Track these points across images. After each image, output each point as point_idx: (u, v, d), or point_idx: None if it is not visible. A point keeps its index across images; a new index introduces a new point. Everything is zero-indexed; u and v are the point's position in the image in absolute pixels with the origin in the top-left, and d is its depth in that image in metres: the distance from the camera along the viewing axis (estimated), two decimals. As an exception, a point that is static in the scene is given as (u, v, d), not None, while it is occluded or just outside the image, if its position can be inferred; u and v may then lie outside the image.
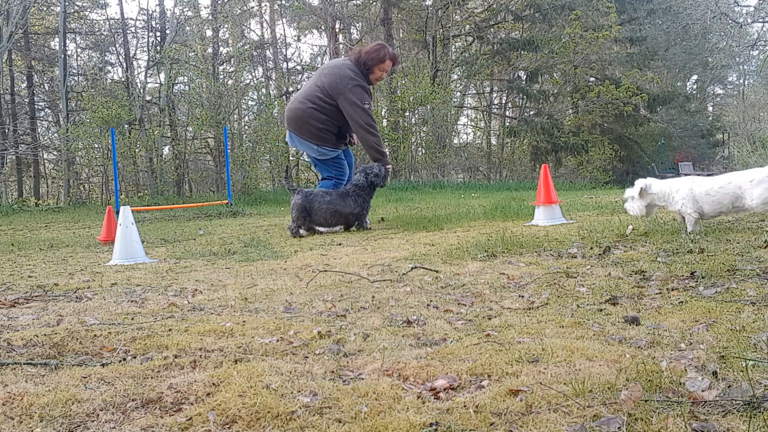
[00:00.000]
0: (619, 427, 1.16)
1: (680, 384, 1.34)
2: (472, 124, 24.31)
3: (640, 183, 3.57)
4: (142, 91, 15.71)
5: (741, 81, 30.98)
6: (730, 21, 21.13)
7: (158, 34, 17.67)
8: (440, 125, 15.64)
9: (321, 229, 5.20)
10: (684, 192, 3.46)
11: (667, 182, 3.56)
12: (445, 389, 1.42)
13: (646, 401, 1.25)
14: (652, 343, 1.66)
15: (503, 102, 22.45)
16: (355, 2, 19.31)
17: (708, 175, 3.21)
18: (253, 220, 7.71)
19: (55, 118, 19.04)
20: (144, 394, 1.44)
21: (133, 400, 1.41)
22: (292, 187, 5.28)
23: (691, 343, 1.63)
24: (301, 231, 5.07)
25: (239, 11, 20.05)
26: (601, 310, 2.06)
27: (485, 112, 22.79)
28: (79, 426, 1.30)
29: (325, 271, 3.16)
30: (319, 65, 19.61)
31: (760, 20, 21.49)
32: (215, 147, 15.33)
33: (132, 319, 2.23)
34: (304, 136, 5.37)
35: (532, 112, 19.73)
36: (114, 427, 1.29)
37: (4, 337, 1.96)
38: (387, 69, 5.44)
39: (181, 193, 14.72)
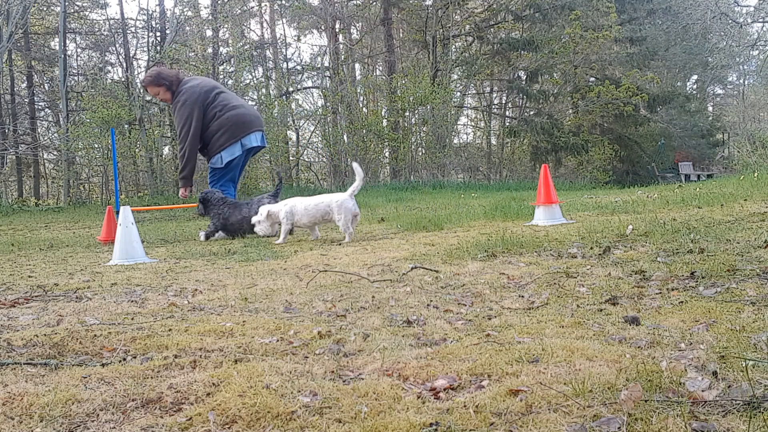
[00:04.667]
0: (619, 427, 1.16)
1: (680, 384, 1.34)
2: (472, 124, 24.31)
3: (265, 209, 4.73)
4: (142, 91, 15.69)
5: (741, 81, 31.00)
6: (730, 21, 21.13)
7: (158, 34, 17.65)
8: (440, 125, 15.64)
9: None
10: (287, 209, 4.66)
11: (279, 204, 4.76)
12: (445, 389, 1.41)
13: (646, 401, 1.25)
14: (652, 343, 1.66)
15: (503, 102, 22.44)
16: (355, 2, 19.31)
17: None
18: (253, 220, 7.70)
19: (55, 118, 19.03)
20: (144, 394, 1.44)
21: (133, 400, 1.41)
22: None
23: (691, 343, 1.63)
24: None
25: (239, 11, 20.04)
26: (601, 310, 2.06)
27: (485, 112, 22.79)
28: (79, 426, 1.30)
29: (325, 271, 3.16)
30: (319, 65, 19.62)
31: (760, 20, 21.49)
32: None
33: (132, 319, 2.23)
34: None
35: (532, 112, 19.73)
36: (114, 427, 1.29)
37: (4, 337, 1.96)
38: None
39: (182, 194, 14.69)
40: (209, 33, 17.73)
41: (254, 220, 4.85)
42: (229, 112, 5.46)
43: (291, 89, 19.16)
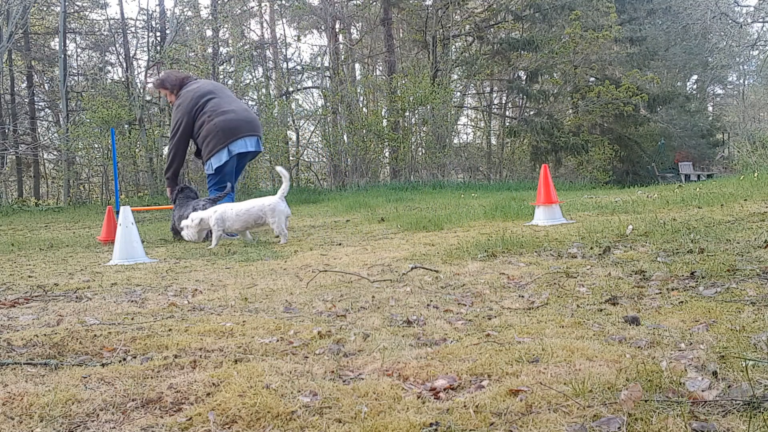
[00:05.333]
0: (619, 427, 1.16)
1: (680, 384, 1.34)
2: (472, 124, 24.30)
3: (198, 215, 4.78)
4: (142, 91, 15.69)
5: (741, 81, 30.99)
6: (730, 21, 21.13)
7: (158, 34, 17.65)
8: (440, 125, 15.63)
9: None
10: (216, 215, 4.69)
11: (208, 210, 4.79)
12: (445, 389, 1.41)
13: (646, 401, 1.25)
14: (652, 343, 1.66)
15: (503, 102, 22.43)
16: (355, 2, 19.30)
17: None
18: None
19: (55, 118, 19.02)
20: (144, 394, 1.44)
21: (133, 400, 1.41)
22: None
23: (691, 343, 1.63)
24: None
25: (239, 11, 20.03)
26: (601, 310, 2.06)
27: (485, 112, 22.78)
28: (79, 426, 1.30)
29: (325, 271, 3.16)
30: (319, 65, 19.61)
31: (760, 20, 21.49)
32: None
33: (132, 319, 2.23)
34: (260, 140, 5.76)
35: (532, 112, 19.72)
36: (114, 427, 1.29)
37: (4, 337, 1.96)
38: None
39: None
40: (209, 33, 17.72)
41: (183, 224, 4.89)
42: (218, 118, 5.46)
43: (291, 89, 19.16)
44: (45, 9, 19.23)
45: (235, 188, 5.87)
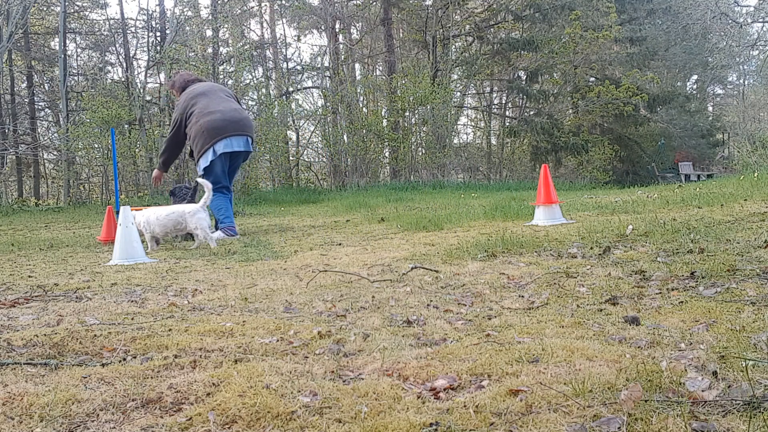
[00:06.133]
0: (619, 427, 1.16)
1: (680, 384, 1.34)
2: (472, 124, 24.30)
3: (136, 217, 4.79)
4: (142, 91, 15.69)
5: (741, 81, 31.00)
6: (730, 21, 21.13)
7: (158, 34, 17.65)
8: (440, 125, 15.63)
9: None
10: (143, 219, 4.76)
11: (139, 215, 4.80)
12: (445, 389, 1.41)
13: (646, 401, 1.25)
14: (652, 343, 1.66)
15: (503, 102, 22.43)
16: (355, 2, 19.29)
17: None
18: (253, 220, 7.71)
19: (55, 118, 19.02)
20: (144, 394, 1.44)
21: (133, 400, 1.41)
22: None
23: (691, 343, 1.63)
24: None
25: (239, 11, 20.04)
26: (601, 310, 2.06)
27: (485, 112, 22.78)
28: (79, 426, 1.30)
29: (325, 271, 3.16)
30: (319, 65, 19.61)
31: (760, 20, 21.48)
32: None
33: (132, 319, 2.23)
34: (252, 140, 5.78)
35: (532, 112, 19.72)
36: (114, 427, 1.29)
37: (4, 337, 1.96)
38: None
39: (181, 193, 14.68)
40: (209, 33, 17.72)
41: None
42: (204, 119, 5.50)
43: (291, 89, 19.15)
44: (45, 9, 19.22)
45: (231, 188, 5.87)
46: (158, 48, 16.66)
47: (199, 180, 5.01)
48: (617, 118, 17.60)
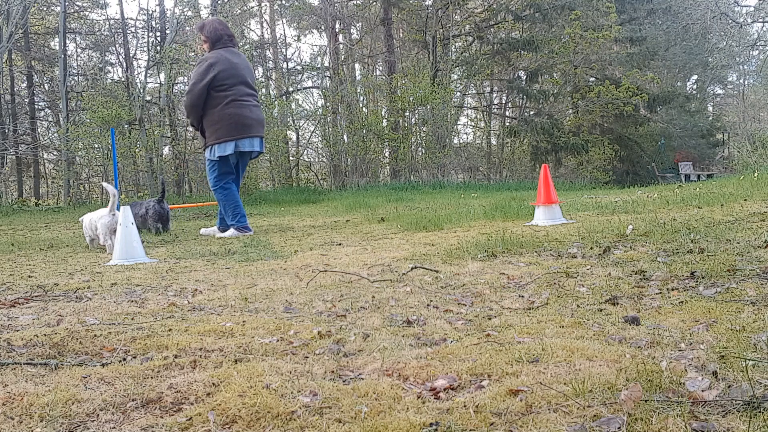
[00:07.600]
0: (619, 427, 1.16)
1: (680, 384, 1.34)
2: (472, 124, 24.29)
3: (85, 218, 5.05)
4: (142, 91, 15.68)
5: (741, 81, 31.02)
6: (730, 21, 21.13)
7: (158, 34, 17.65)
8: (440, 125, 15.63)
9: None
10: (87, 221, 4.98)
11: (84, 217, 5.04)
12: (445, 389, 1.41)
13: (646, 401, 1.25)
14: (652, 343, 1.66)
15: (503, 102, 22.43)
16: (355, 2, 19.29)
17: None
18: (253, 220, 7.70)
19: (55, 118, 19.01)
20: (144, 394, 1.44)
21: (133, 400, 1.41)
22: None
23: (691, 343, 1.63)
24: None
25: (239, 11, 20.04)
26: (601, 310, 2.06)
27: (485, 112, 22.78)
28: (79, 426, 1.30)
29: (325, 271, 3.16)
30: (319, 65, 19.61)
31: (760, 20, 21.49)
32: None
33: (132, 319, 2.23)
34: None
35: (532, 112, 19.73)
36: (114, 427, 1.29)
37: (4, 337, 1.96)
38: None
39: (181, 193, 14.71)
40: (209, 33, 17.68)
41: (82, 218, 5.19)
42: (237, 110, 5.33)
43: (291, 89, 19.15)
44: (45, 9, 19.22)
45: (239, 185, 5.87)
46: (158, 48, 16.66)
47: (105, 185, 5.05)
48: (617, 118, 17.61)
